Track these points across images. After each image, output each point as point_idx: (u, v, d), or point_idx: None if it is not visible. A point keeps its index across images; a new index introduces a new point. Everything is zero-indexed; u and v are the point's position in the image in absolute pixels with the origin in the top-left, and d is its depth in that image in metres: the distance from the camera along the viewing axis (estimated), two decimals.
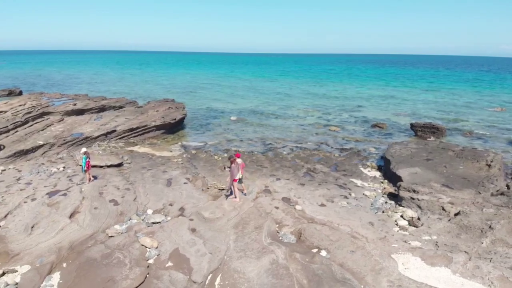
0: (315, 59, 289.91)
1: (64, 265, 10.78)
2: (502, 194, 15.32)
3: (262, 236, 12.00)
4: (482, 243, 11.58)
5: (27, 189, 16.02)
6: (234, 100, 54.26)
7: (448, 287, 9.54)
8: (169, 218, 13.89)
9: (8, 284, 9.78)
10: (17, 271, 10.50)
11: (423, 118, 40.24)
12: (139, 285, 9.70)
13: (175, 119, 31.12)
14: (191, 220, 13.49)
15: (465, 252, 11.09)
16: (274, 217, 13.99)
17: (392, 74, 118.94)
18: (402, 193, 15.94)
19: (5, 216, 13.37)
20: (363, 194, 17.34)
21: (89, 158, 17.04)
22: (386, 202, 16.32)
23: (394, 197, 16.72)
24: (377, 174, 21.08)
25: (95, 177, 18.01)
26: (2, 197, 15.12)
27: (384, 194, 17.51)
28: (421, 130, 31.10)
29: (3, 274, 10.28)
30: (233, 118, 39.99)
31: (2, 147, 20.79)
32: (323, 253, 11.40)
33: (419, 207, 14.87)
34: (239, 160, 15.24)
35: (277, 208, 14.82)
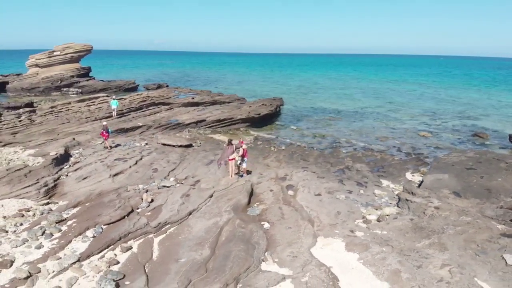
0: (481, 63, 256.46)
1: (87, 204, 15.10)
2: (511, 209, 13.96)
3: (226, 205, 14.27)
4: (420, 242, 11.53)
5: (104, 155, 21.41)
6: (346, 102, 54.61)
7: (338, 267, 10.37)
8: (178, 185, 17.17)
9: (45, 209, 14.48)
10: (57, 203, 15.31)
11: None
12: (115, 221, 13.22)
13: (259, 114, 34.44)
14: (193, 188, 16.53)
15: (391, 246, 11.34)
16: (261, 197, 15.98)
17: None
18: (402, 195, 15.83)
19: (76, 170, 18.69)
20: (373, 192, 17.58)
21: (107, 131, 22.44)
22: (387, 202, 16.41)
23: None
24: (419, 179, 20.35)
25: (110, 147, 22.88)
26: (85, 158, 20.75)
27: (396, 195, 17.38)
28: None
29: (48, 203, 15.13)
30: (328, 117, 41.22)
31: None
32: (266, 225, 13.09)
33: (409, 208, 14.76)
34: (244, 147, 17.66)
35: (271, 190, 16.65)
